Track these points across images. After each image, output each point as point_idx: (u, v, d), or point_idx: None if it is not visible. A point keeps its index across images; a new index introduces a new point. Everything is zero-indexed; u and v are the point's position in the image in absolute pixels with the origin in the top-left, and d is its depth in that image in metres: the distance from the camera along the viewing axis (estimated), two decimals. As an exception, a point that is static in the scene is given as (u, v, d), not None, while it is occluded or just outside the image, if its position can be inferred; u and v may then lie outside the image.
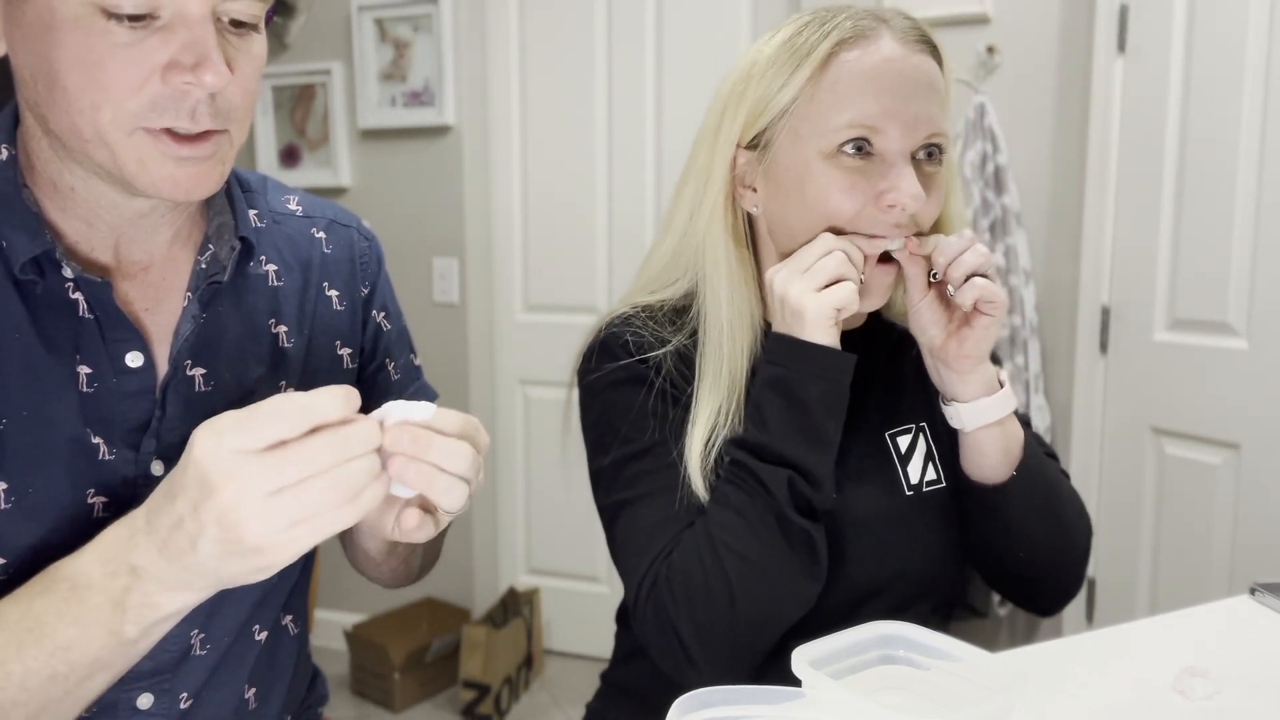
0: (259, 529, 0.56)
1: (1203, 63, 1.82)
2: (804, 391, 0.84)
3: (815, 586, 0.86)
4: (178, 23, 0.66)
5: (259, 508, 0.56)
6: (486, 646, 2.42)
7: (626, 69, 2.57)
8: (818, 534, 0.84)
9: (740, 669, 0.85)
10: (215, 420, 0.57)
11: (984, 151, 2.16)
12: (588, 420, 0.96)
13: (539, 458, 2.77)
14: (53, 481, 0.71)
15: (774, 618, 0.84)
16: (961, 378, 0.89)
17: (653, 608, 0.85)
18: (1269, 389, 1.73)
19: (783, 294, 0.86)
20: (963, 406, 0.89)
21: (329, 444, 0.57)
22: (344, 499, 0.58)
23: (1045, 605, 1.01)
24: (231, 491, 0.56)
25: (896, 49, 0.85)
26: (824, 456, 0.85)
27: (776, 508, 0.82)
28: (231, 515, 0.56)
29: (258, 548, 0.57)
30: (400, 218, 2.68)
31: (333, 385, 0.59)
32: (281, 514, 0.56)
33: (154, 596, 0.61)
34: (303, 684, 0.96)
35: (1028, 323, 2.14)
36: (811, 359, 0.84)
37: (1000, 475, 0.91)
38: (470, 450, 0.64)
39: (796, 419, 0.84)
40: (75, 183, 0.73)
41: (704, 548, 0.83)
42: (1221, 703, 0.80)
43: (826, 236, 0.86)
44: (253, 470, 0.56)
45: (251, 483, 0.56)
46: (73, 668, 0.62)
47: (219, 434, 0.56)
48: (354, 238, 0.93)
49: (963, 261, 0.85)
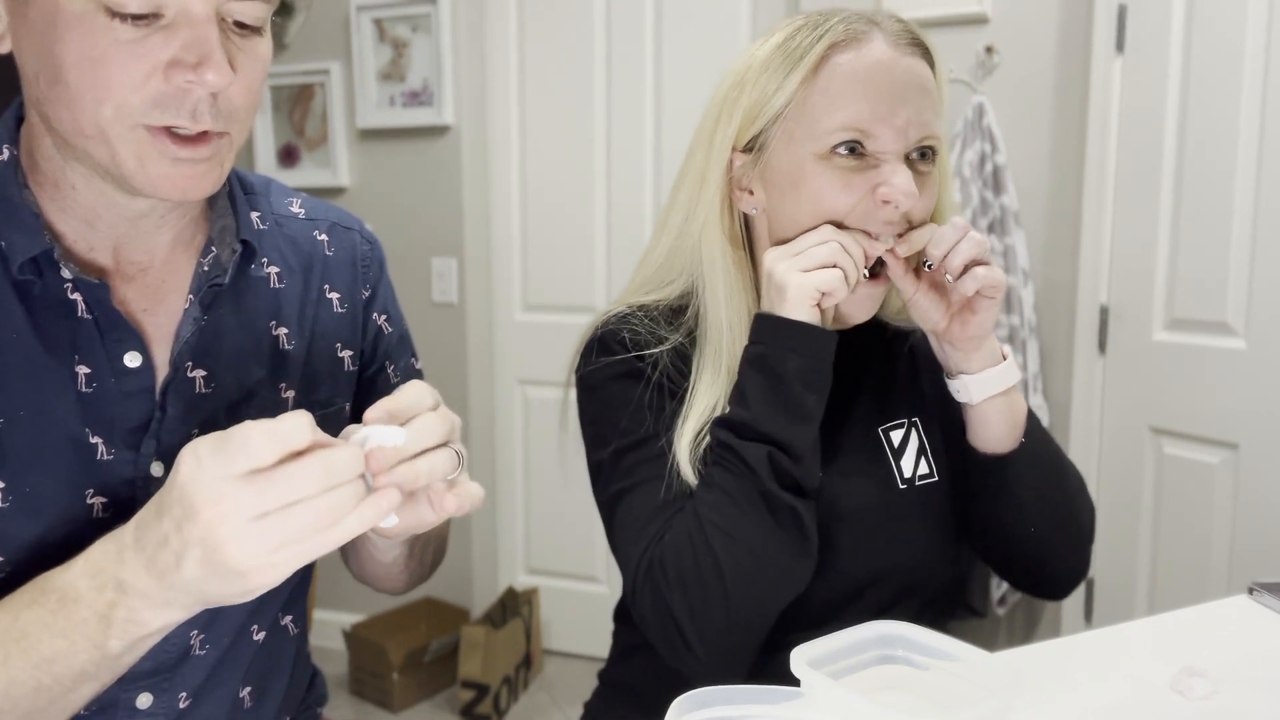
0: (241, 552, 0.56)
1: (1201, 62, 1.82)
2: (781, 366, 0.85)
3: (807, 564, 0.86)
4: (181, 22, 0.66)
5: (242, 531, 0.56)
6: (485, 646, 2.42)
7: (625, 69, 2.58)
8: (805, 510, 0.85)
9: (738, 653, 0.85)
10: (196, 443, 0.58)
11: (982, 151, 2.16)
12: (585, 415, 0.96)
13: (538, 458, 2.77)
14: (51, 480, 0.71)
15: (767, 597, 0.85)
16: (967, 355, 0.91)
17: (649, 594, 0.85)
18: (1267, 389, 1.73)
19: (770, 269, 0.87)
20: (970, 379, 0.91)
21: (315, 470, 0.56)
22: (329, 524, 0.57)
23: (1053, 587, 1.01)
24: (214, 514, 0.56)
25: (888, 52, 0.86)
26: (803, 430, 0.85)
27: (760, 484, 0.83)
28: (214, 537, 0.56)
29: (241, 571, 0.57)
30: (399, 218, 2.68)
31: (296, 411, 0.59)
32: (265, 538, 0.56)
33: (140, 613, 0.61)
34: (301, 684, 0.96)
35: (1026, 323, 2.14)
36: (788, 334, 0.85)
37: (1008, 445, 0.93)
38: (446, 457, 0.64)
39: (774, 394, 0.85)
40: (77, 181, 0.73)
41: (693, 529, 0.84)
42: (1220, 702, 0.80)
43: (826, 227, 0.87)
44: (236, 494, 0.56)
45: (234, 506, 0.56)
46: (57, 680, 0.62)
47: (199, 458, 0.56)
48: (356, 241, 0.94)
49: (959, 251, 0.86)
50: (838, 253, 0.85)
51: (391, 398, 0.63)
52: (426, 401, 0.64)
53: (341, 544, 0.59)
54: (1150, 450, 2.00)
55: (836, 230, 0.86)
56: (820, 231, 0.87)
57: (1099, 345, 2.10)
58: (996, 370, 0.91)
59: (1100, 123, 2.03)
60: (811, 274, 0.85)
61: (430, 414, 0.64)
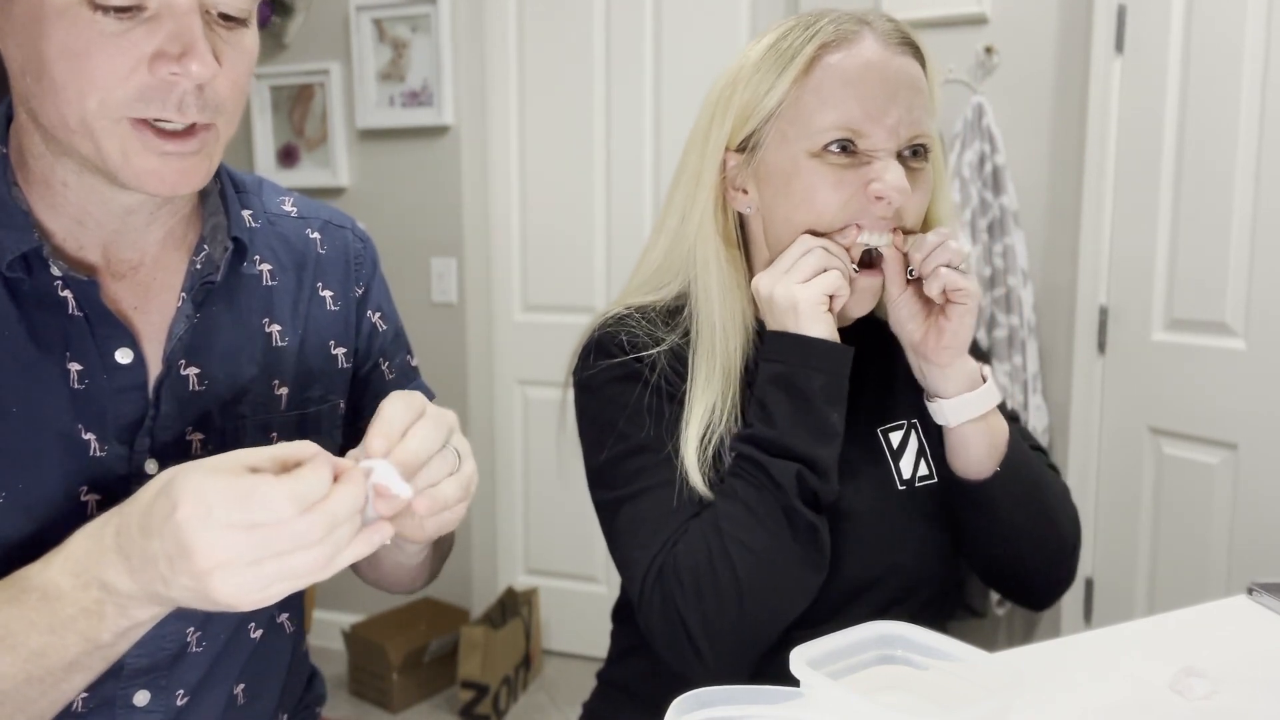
0: (235, 592, 0.56)
1: (1200, 63, 1.82)
2: (806, 385, 0.86)
3: (818, 577, 0.87)
4: (165, 13, 0.66)
5: (238, 575, 0.56)
6: (485, 647, 2.42)
7: (625, 69, 2.57)
8: (822, 525, 0.86)
9: (744, 661, 0.86)
10: (201, 488, 0.55)
11: (982, 152, 2.16)
12: (584, 418, 0.97)
13: (537, 458, 2.77)
14: (44, 477, 0.71)
15: (780, 610, 0.85)
16: (943, 372, 0.91)
17: (660, 600, 0.86)
18: (1266, 389, 1.74)
19: (769, 294, 0.88)
20: (945, 402, 0.91)
21: (320, 522, 0.56)
22: (325, 563, 0.57)
23: (1037, 600, 1.01)
24: (211, 563, 0.55)
25: (879, 51, 0.87)
26: (830, 448, 0.87)
27: (785, 500, 0.84)
28: (207, 581, 0.56)
29: (231, 604, 0.57)
30: (398, 218, 2.68)
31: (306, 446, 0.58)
32: (259, 580, 0.56)
33: (128, 610, 0.61)
34: (299, 683, 0.96)
35: (1025, 323, 2.14)
36: (811, 353, 0.86)
37: (985, 470, 0.92)
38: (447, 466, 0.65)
39: (801, 413, 0.86)
40: (67, 177, 0.73)
41: (712, 541, 0.84)
42: (1219, 702, 0.80)
43: (804, 237, 0.88)
44: (237, 544, 0.55)
45: (233, 555, 0.55)
46: (48, 671, 0.63)
47: (209, 506, 0.55)
48: (349, 239, 0.94)
49: (934, 256, 0.87)
50: (825, 257, 0.87)
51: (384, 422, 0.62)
52: (410, 417, 0.63)
53: (332, 574, 0.59)
54: (1149, 450, 2.00)
55: (815, 238, 0.88)
56: (800, 243, 0.88)
57: (1098, 345, 2.10)
58: (974, 394, 0.90)
59: (1100, 123, 2.03)
60: (813, 283, 0.86)
61: (425, 424, 0.63)
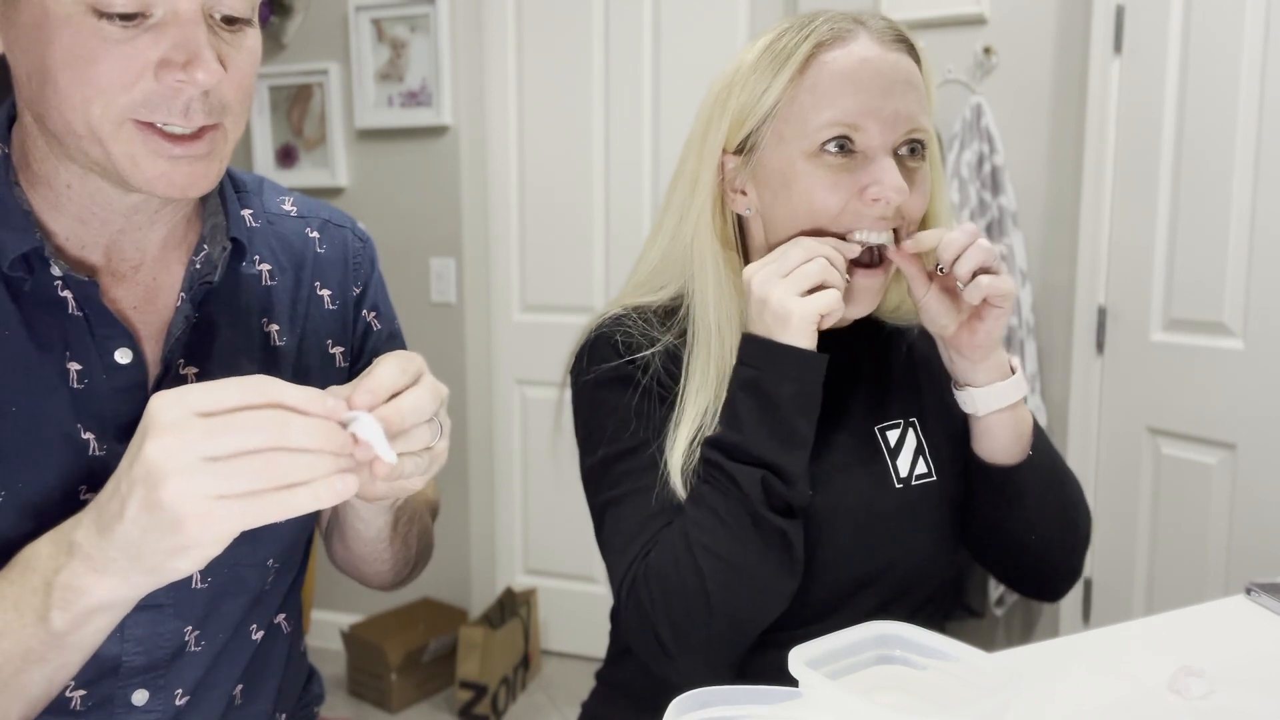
0: (181, 492, 0.55)
1: (1199, 63, 1.83)
2: (776, 392, 0.85)
3: (792, 583, 0.86)
4: (170, 21, 0.66)
5: (185, 468, 0.55)
6: (483, 647, 2.42)
7: (623, 69, 2.57)
8: (794, 531, 0.85)
9: (720, 665, 0.86)
10: (190, 385, 0.58)
11: (981, 152, 2.16)
12: (578, 420, 0.97)
13: (536, 458, 2.77)
14: (43, 476, 0.71)
15: (751, 615, 0.85)
16: (974, 365, 0.91)
17: (634, 607, 0.86)
18: (1265, 389, 1.74)
19: (764, 296, 0.86)
20: (976, 391, 0.91)
21: (264, 423, 0.56)
22: (273, 485, 0.56)
23: (1052, 590, 1.02)
24: (161, 449, 0.55)
25: (873, 48, 0.87)
26: (797, 455, 0.86)
27: (751, 506, 0.83)
28: (157, 471, 0.55)
29: (177, 516, 0.56)
30: (397, 218, 2.68)
31: (325, 387, 0.59)
32: (205, 482, 0.55)
33: (80, 577, 0.61)
34: (297, 683, 0.96)
35: (1024, 323, 2.14)
36: (784, 360, 0.85)
37: (1013, 457, 0.93)
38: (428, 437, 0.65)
39: (769, 419, 0.85)
40: (71, 179, 0.73)
41: (679, 547, 0.84)
42: (1217, 702, 0.80)
43: (806, 240, 0.86)
44: (189, 430, 0.56)
45: (182, 443, 0.55)
46: (7, 658, 0.63)
47: (183, 391, 0.57)
48: (348, 238, 0.94)
49: (968, 257, 0.85)
50: (826, 269, 0.85)
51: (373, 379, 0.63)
52: (401, 381, 0.64)
53: (290, 516, 0.58)
54: (1148, 451, 2.00)
55: (818, 242, 0.86)
56: (803, 247, 0.86)
57: (1097, 346, 2.10)
58: (1004, 385, 0.91)
59: (1098, 123, 2.03)
60: (812, 299, 0.84)
61: (420, 391, 0.64)
